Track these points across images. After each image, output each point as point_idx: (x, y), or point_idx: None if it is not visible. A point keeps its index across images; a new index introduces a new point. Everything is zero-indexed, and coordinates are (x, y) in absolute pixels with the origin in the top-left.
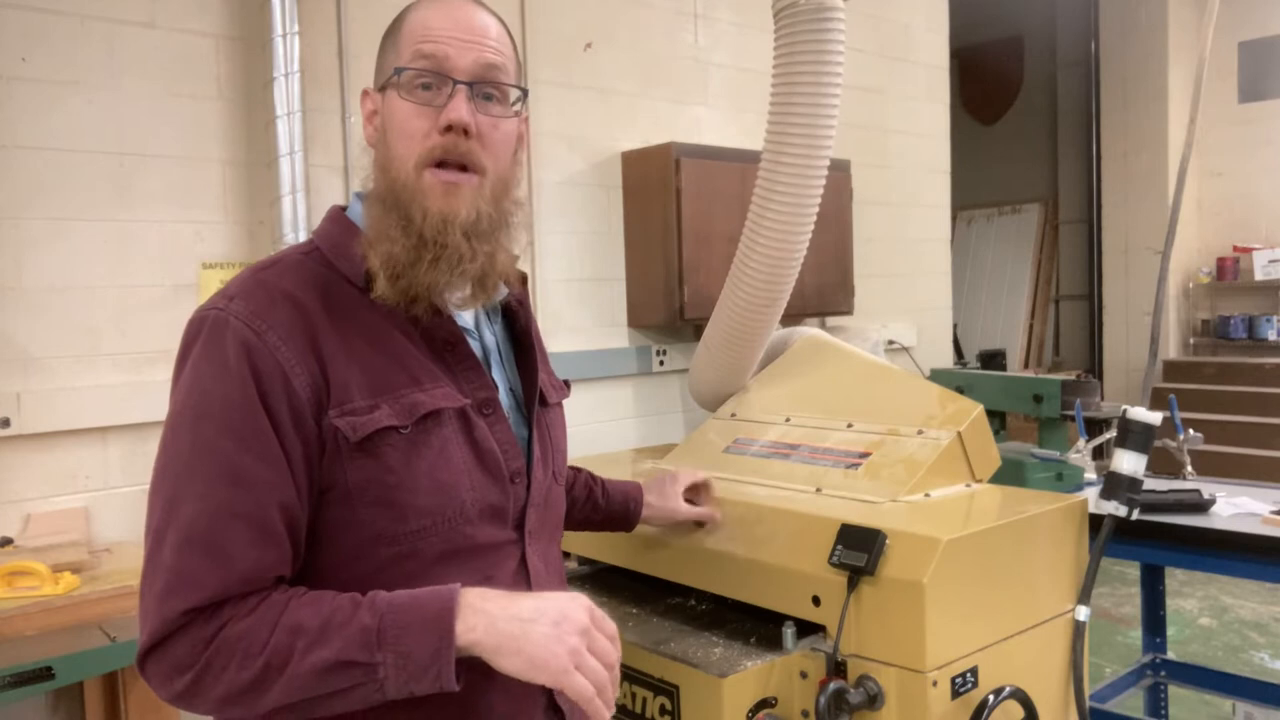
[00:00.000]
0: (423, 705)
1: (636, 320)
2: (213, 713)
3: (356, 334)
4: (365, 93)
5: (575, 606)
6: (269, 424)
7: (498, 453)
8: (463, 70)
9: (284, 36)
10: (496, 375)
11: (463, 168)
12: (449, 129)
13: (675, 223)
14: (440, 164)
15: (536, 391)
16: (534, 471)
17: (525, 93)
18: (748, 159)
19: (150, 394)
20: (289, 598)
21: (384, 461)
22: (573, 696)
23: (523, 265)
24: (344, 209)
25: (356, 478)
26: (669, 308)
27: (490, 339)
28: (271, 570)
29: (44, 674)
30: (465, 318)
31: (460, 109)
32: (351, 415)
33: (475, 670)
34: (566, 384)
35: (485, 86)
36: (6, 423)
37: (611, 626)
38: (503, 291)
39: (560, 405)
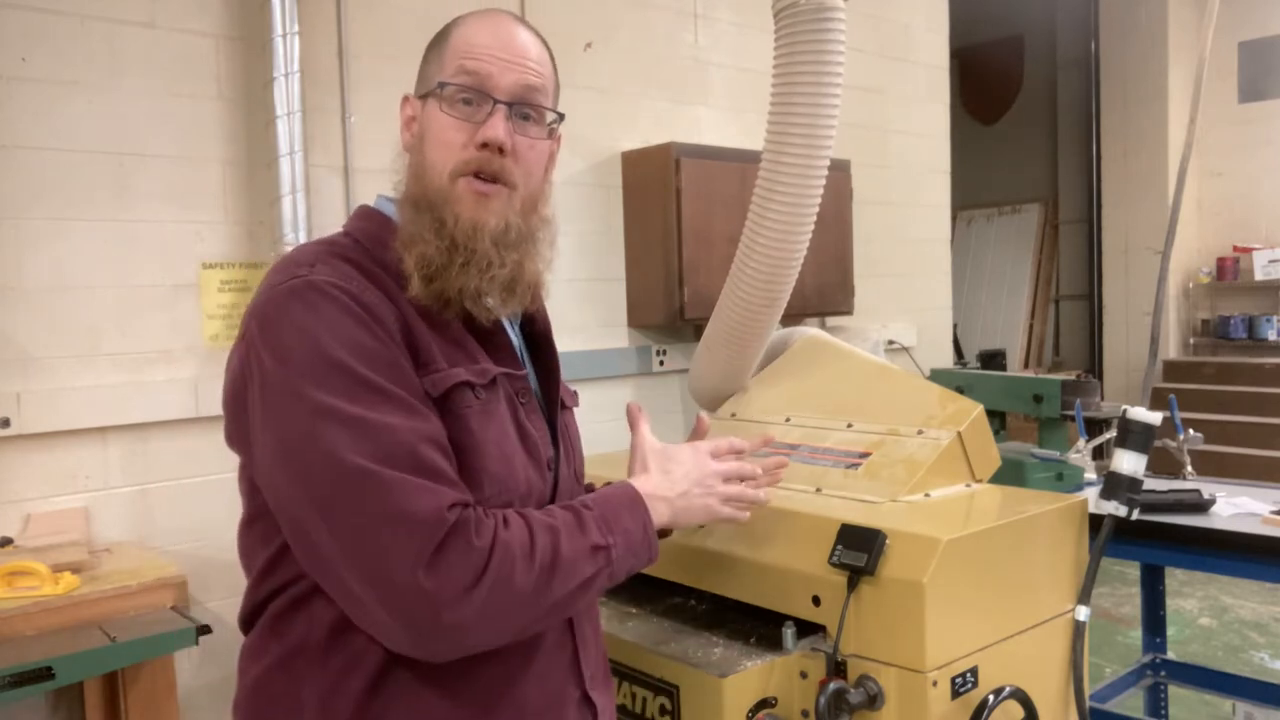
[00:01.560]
0: (460, 695)
1: (636, 320)
2: (494, 634)
3: (418, 311)
4: (406, 98)
5: (704, 460)
6: (405, 362)
7: (537, 439)
8: (503, 90)
9: (284, 36)
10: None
11: (495, 180)
12: (485, 146)
13: (675, 223)
14: (474, 175)
15: (558, 389)
16: (560, 465)
17: (561, 116)
18: (748, 159)
19: (150, 394)
20: (516, 509)
21: (465, 423)
22: (730, 520)
23: None
24: (375, 209)
25: None
26: (669, 308)
27: (515, 339)
28: (461, 480)
29: (44, 674)
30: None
31: (498, 128)
32: (436, 373)
33: (510, 662)
34: (575, 394)
35: (523, 107)
36: (6, 423)
37: (734, 450)
38: (506, 314)
39: (572, 411)
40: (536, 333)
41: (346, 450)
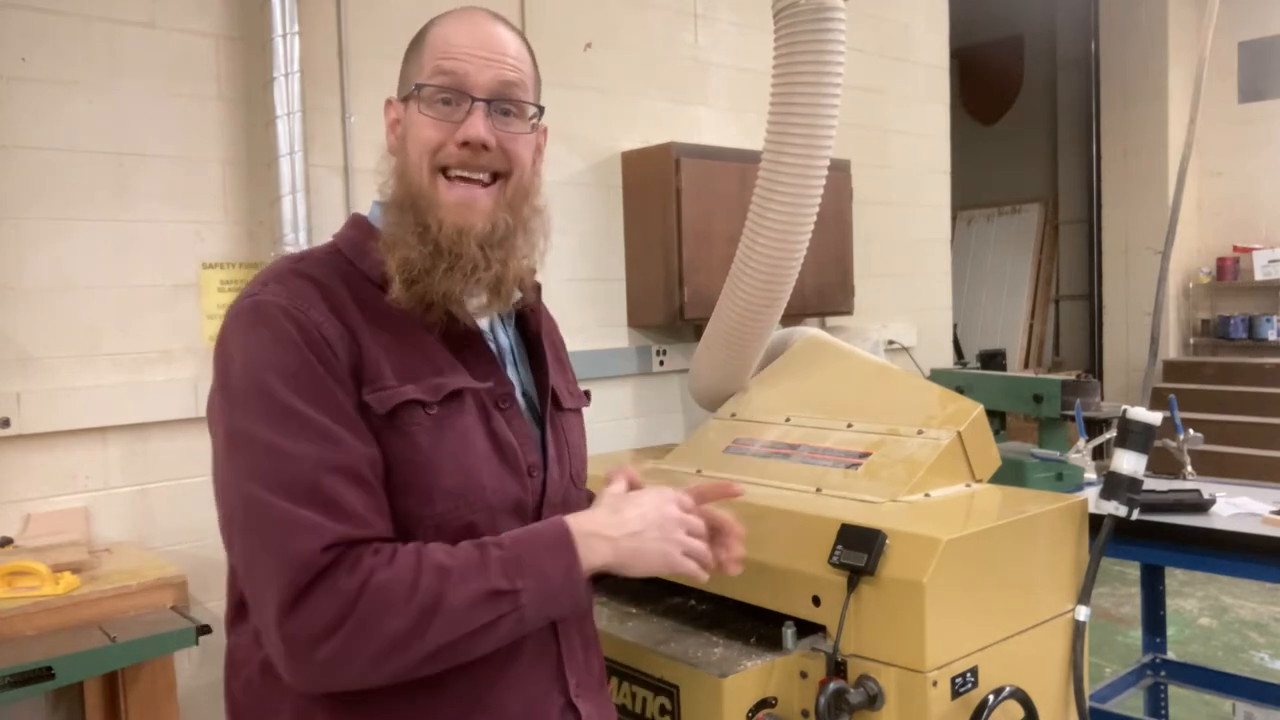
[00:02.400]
0: (434, 705)
1: (636, 320)
2: (359, 677)
3: (382, 325)
4: (389, 102)
5: (667, 505)
6: (336, 385)
7: (515, 446)
8: (481, 87)
9: (284, 36)
10: (511, 375)
11: (479, 182)
12: (466, 144)
13: (675, 223)
14: (456, 173)
15: (549, 392)
16: (549, 470)
17: (541, 109)
18: (748, 159)
19: (150, 394)
20: (416, 546)
21: (412, 440)
22: (686, 574)
23: None
24: (365, 216)
25: (389, 455)
26: (669, 308)
27: (505, 341)
28: (381, 514)
29: (44, 674)
30: (480, 321)
31: (477, 126)
32: (382, 390)
33: (485, 671)
34: (587, 394)
35: (503, 103)
36: (6, 423)
37: (692, 502)
38: (517, 296)
39: (578, 412)
40: (529, 335)
41: (248, 476)
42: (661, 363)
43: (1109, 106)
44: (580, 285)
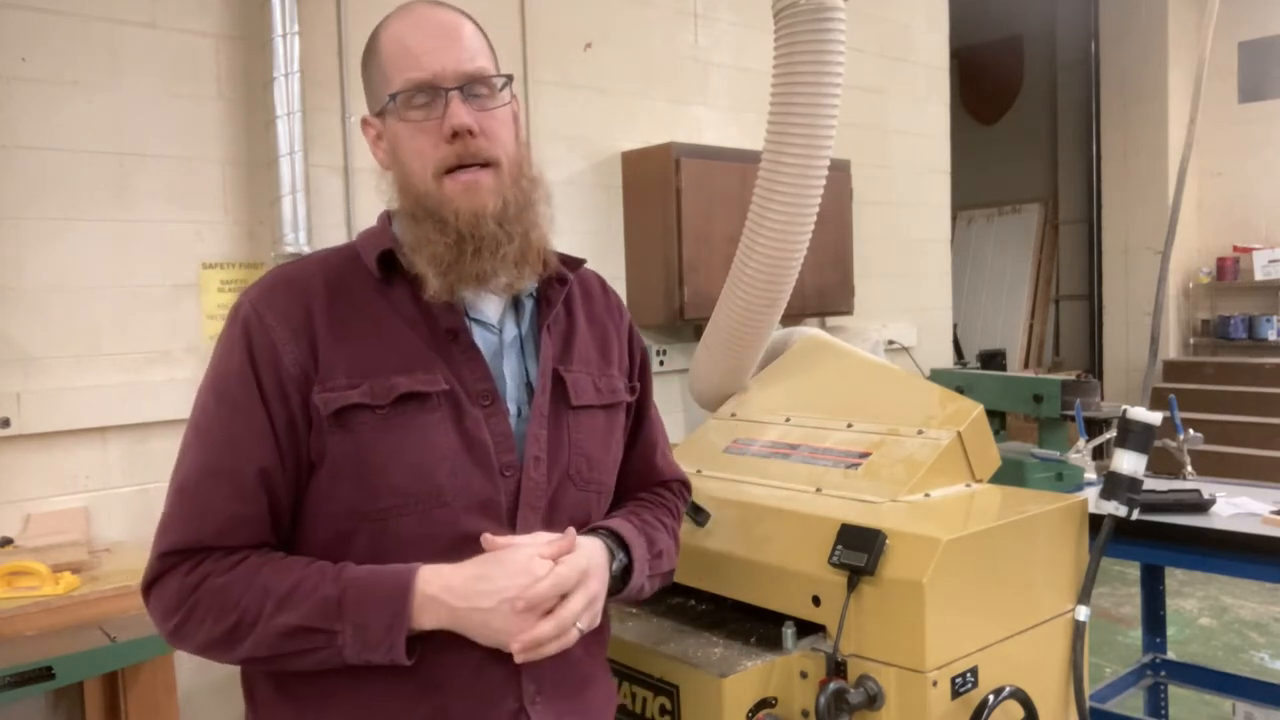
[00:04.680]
0: (384, 689)
1: (636, 320)
2: (198, 654)
3: (358, 321)
4: (365, 120)
5: (528, 583)
6: (258, 395)
7: (488, 443)
8: (450, 77)
9: (284, 36)
10: (510, 369)
11: (479, 165)
12: (455, 136)
13: (675, 223)
14: (456, 168)
15: (545, 388)
16: (527, 468)
17: (509, 78)
18: (748, 159)
19: (150, 394)
20: (264, 561)
21: (357, 437)
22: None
23: None
24: (390, 216)
25: (335, 451)
26: (669, 308)
27: (511, 332)
28: (248, 525)
29: (44, 674)
30: (488, 312)
31: (460, 114)
32: (330, 392)
33: (440, 664)
34: (634, 389)
35: (474, 85)
36: (6, 423)
37: (568, 577)
38: (534, 284)
39: (608, 409)
40: (539, 328)
41: (176, 466)
42: (661, 363)
43: (1109, 106)
44: None
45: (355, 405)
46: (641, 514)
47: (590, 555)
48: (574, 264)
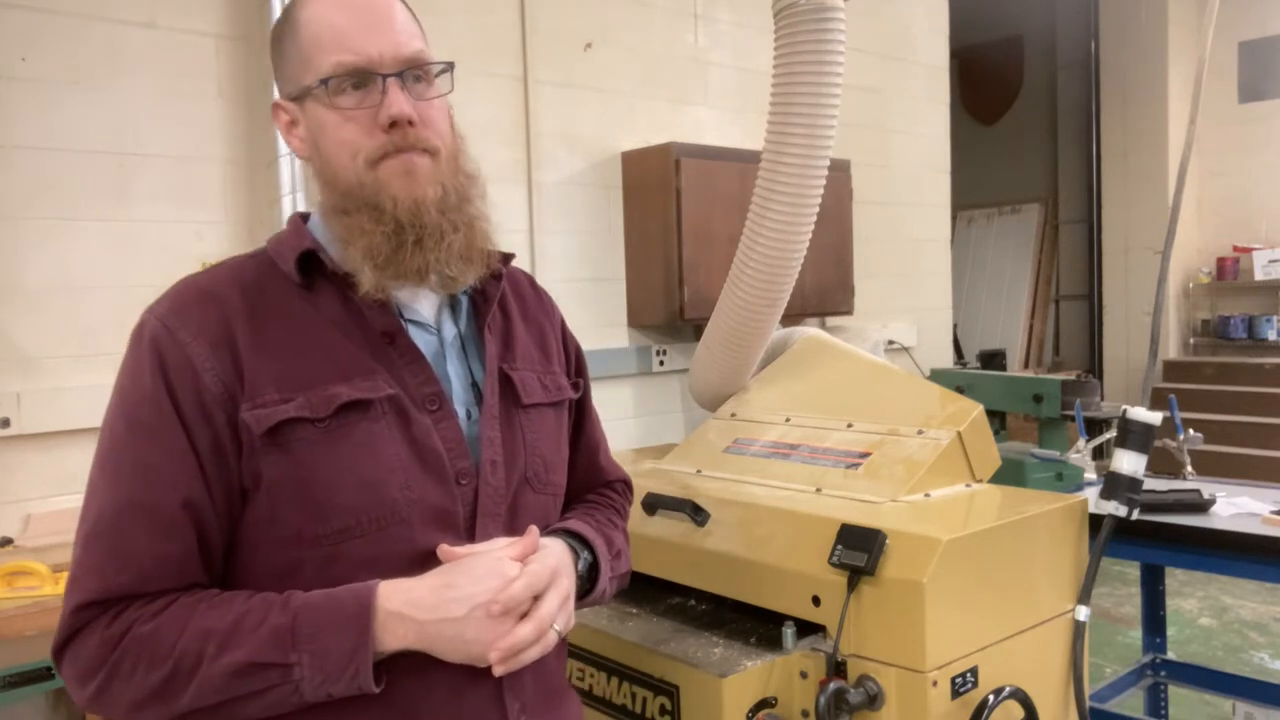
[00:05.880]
0: (364, 714)
1: (636, 320)
2: (126, 717)
3: (282, 329)
4: (277, 105)
5: (501, 585)
6: (176, 418)
7: (441, 451)
8: (387, 63)
9: None
10: (454, 370)
11: (416, 151)
12: (393, 125)
13: (675, 223)
14: (392, 155)
15: (494, 388)
16: (484, 474)
17: (449, 65)
18: (748, 159)
19: None
20: (199, 599)
21: (298, 456)
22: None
23: (522, 265)
24: (303, 218)
25: (272, 474)
26: (669, 308)
27: (451, 332)
28: (175, 566)
29: (44, 674)
30: (424, 311)
31: (400, 102)
32: (261, 409)
33: (418, 689)
34: (577, 385)
35: (411, 70)
36: (6, 423)
37: (540, 575)
38: (471, 281)
39: (555, 406)
40: (481, 322)
41: (84, 506)
42: (661, 363)
43: (1109, 106)
44: (580, 285)
45: (292, 420)
46: (594, 514)
47: (558, 555)
48: (505, 259)
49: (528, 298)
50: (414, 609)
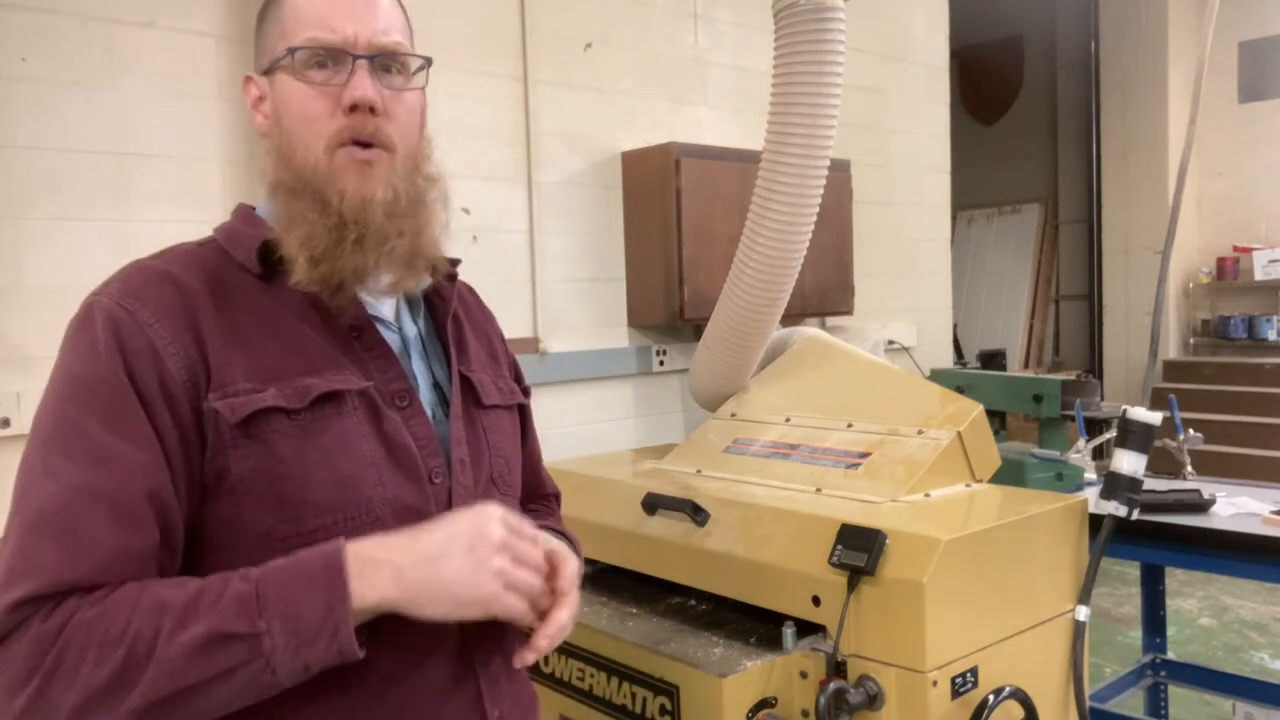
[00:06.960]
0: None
1: (636, 320)
2: None
3: (246, 319)
4: (248, 79)
5: (486, 521)
6: (138, 403)
7: (413, 448)
8: (360, 44)
9: None
10: (417, 368)
11: (372, 145)
12: (354, 109)
13: (675, 223)
14: (351, 144)
15: (456, 387)
16: (455, 474)
17: (428, 62)
18: (748, 159)
19: None
20: (147, 582)
21: (272, 449)
22: (507, 618)
23: (522, 265)
24: (250, 206)
25: (242, 468)
26: (669, 308)
27: (411, 330)
28: (136, 560)
29: None
30: (383, 308)
31: (365, 86)
32: (234, 397)
33: (398, 699)
34: (527, 390)
35: (385, 59)
36: (6, 423)
37: (530, 528)
38: (426, 282)
39: (510, 410)
40: (438, 322)
41: (20, 496)
42: (661, 363)
43: (1109, 106)
44: (580, 285)
45: (269, 410)
46: (548, 524)
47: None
48: (453, 264)
49: (471, 305)
50: (390, 552)
